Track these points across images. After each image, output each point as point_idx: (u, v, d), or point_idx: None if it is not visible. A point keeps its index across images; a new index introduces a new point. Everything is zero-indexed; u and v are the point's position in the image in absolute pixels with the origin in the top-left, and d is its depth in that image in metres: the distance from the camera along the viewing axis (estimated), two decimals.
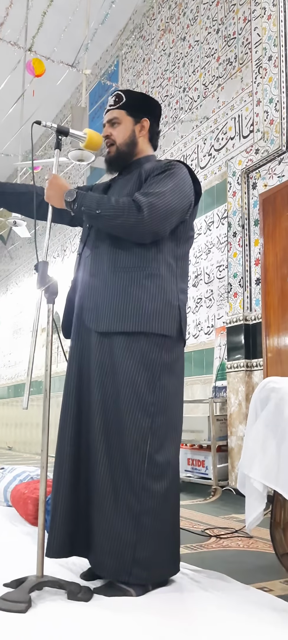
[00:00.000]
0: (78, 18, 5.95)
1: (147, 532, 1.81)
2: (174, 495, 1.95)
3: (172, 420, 1.95)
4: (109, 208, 1.90)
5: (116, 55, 7.87)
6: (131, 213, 1.86)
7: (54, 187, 2.00)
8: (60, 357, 8.40)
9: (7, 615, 1.54)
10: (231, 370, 4.67)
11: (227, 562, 2.32)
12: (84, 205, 1.93)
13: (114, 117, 2.10)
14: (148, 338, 1.89)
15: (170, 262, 1.98)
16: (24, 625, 1.49)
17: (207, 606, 1.71)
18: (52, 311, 1.92)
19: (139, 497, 1.81)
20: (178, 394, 2.02)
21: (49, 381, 1.87)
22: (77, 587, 1.75)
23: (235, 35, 5.35)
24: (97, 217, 1.92)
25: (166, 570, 1.91)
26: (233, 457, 4.44)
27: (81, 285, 2.05)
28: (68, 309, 2.11)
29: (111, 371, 1.89)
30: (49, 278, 1.88)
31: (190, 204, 2.02)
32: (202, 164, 5.67)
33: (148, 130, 2.14)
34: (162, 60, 6.69)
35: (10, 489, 3.33)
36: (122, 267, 1.94)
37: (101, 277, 1.97)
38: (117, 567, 1.78)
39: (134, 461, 1.82)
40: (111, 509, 1.81)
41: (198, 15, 6.03)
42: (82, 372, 1.98)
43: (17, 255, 12.22)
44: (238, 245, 4.76)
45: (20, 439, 10.55)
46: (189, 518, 3.34)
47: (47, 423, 1.83)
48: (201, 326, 5.45)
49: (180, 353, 2.02)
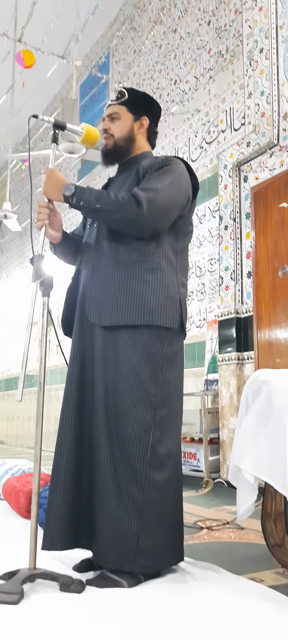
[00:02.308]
0: (68, 9, 5.92)
1: (151, 522, 1.84)
2: (177, 484, 1.99)
3: (173, 411, 1.98)
4: (109, 202, 1.91)
5: (107, 46, 7.83)
6: (130, 208, 1.88)
7: (51, 181, 1.99)
8: (52, 350, 8.39)
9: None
10: (223, 363, 4.68)
11: (219, 553, 2.34)
12: (83, 200, 1.93)
13: (114, 111, 2.13)
14: (151, 331, 1.92)
15: (170, 256, 2.01)
16: (16, 616, 1.49)
17: (199, 597, 1.72)
18: (48, 305, 1.92)
19: (142, 487, 1.84)
20: (179, 386, 2.06)
21: (43, 374, 1.88)
22: (70, 579, 1.75)
23: (226, 27, 5.34)
24: (96, 211, 1.93)
25: (170, 559, 1.95)
26: (225, 450, 4.47)
27: (83, 281, 2.06)
28: (68, 305, 2.11)
29: (114, 364, 1.92)
30: (44, 272, 1.88)
31: (188, 199, 2.05)
32: (193, 157, 5.66)
33: (147, 129, 2.18)
34: (153, 52, 6.67)
35: (2, 482, 3.33)
36: (124, 261, 1.96)
37: (103, 272, 1.99)
38: (121, 557, 1.80)
39: (137, 452, 1.85)
40: (114, 500, 1.83)
41: (189, 7, 6.02)
42: (84, 365, 2.00)
43: (7, 249, 12.16)
44: (230, 238, 4.77)
45: (12, 433, 10.53)
46: None
47: (40, 416, 1.83)
48: (193, 319, 5.46)
49: (181, 346, 2.06)
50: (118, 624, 1.48)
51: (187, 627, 1.48)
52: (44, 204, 2.02)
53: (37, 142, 9.67)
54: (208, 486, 4.31)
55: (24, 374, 1.81)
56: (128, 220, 1.91)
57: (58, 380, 8.33)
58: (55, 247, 2.16)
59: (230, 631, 1.46)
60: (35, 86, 7.23)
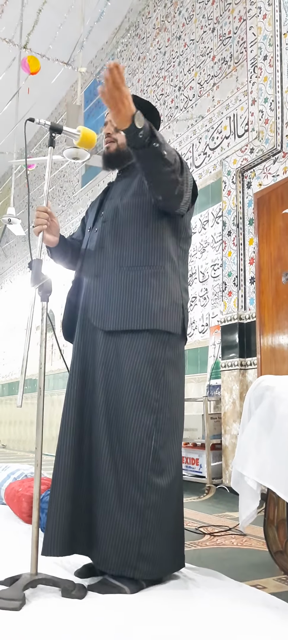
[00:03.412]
0: (73, 16, 5.94)
1: (152, 527, 1.83)
2: (178, 490, 1.99)
3: (175, 416, 1.97)
4: (171, 154, 1.83)
5: (111, 53, 7.86)
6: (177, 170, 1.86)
7: (128, 102, 1.70)
8: (54, 355, 8.40)
9: (1, 613, 1.54)
10: (225, 368, 4.68)
11: (221, 559, 2.33)
12: (156, 141, 1.75)
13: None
14: (154, 335, 1.92)
15: (174, 260, 2.02)
16: (18, 622, 1.49)
17: (201, 603, 1.71)
18: (46, 309, 1.92)
19: (143, 492, 1.83)
20: (181, 391, 2.05)
21: (43, 379, 1.86)
22: (71, 584, 1.75)
23: (230, 35, 5.36)
24: (159, 158, 1.79)
25: (171, 565, 1.94)
26: (227, 455, 4.46)
27: (86, 285, 2.06)
28: (69, 310, 2.11)
29: (116, 368, 1.91)
30: (43, 276, 1.87)
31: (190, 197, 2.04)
32: (197, 163, 5.67)
33: None
34: (158, 59, 6.69)
35: (4, 487, 3.33)
36: (127, 265, 1.96)
37: (107, 276, 1.98)
38: (122, 562, 1.79)
39: (139, 457, 1.84)
40: (115, 505, 1.82)
41: (193, 14, 6.04)
42: (86, 369, 1.99)
43: (11, 253, 12.19)
44: (233, 244, 4.77)
45: (14, 437, 10.53)
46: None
47: (41, 421, 1.83)
48: (195, 325, 5.46)
49: (182, 351, 2.06)
50: (120, 630, 1.48)
51: (188, 633, 1.47)
52: (42, 209, 2.01)
53: (41, 148, 9.72)
54: (210, 492, 4.30)
55: (23, 379, 1.80)
56: (171, 178, 1.86)
57: (60, 385, 8.33)
58: (51, 251, 2.17)
59: (232, 638, 1.46)
60: (40, 92, 7.26)
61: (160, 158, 1.78)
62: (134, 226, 2.00)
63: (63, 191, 9.39)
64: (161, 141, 1.77)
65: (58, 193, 9.52)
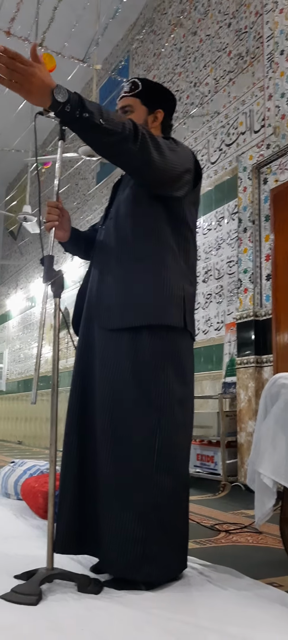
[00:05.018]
0: (89, 13, 5.95)
1: (156, 528, 1.78)
2: (183, 490, 1.92)
3: (180, 413, 1.89)
4: (111, 120, 1.70)
5: (127, 50, 7.86)
6: (127, 135, 1.71)
7: (37, 79, 1.64)
8: (69, 352, 8.44)
9: (18, 608, 1.55)
10: (241, 366, 4.66)
11: (236, 557, 2.32)
12: (85, 110, 1.64)
13: (127, 104, 2.06)
14: (152, 331, 1.85)
15: (174, 250, 1.93)
16: (35, 617, 1.50)
17: (217, 601, 1.71)
18: (59, 305, 1.91)
19: (146, 492, 1.78)
20: (187, 387, 1.96)
21: (56, 376, 1.85)
22: (87, 579, 1.75)
23: (246, 29, 5.32)
24: (96, 128, 1.68)
25: (175, 566, 1.89)
26: (243, 453, 4.44)
27: (90, 282, 2.05)
28: (78, 305, 2.11)
29: (115, 367, 1.87)
30: (55, 272, 1.85)
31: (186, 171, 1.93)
32: (212, 159, 5.65)
33: (162, 122, 2.09)
34: (173, 55, 6.67)
35: (21, 482, 3.36)
36: (127, 260, 1.91)
37: (106, 272, 1.96)
38: (126, 564, 1.76)
39: (142, 456, 1.80)
40: (118, 505, 1.79)
41: (209, 9, 6.01)
42: (88, 368, 1.97)
43: (27, 251, 12.27)
44: (249, 240, 4.74)
45: (30, 433, 10.60)
46: (198, 513, 3.34)
47: (55, 418, 1.82)
48: (211, 322, 5.44)
49: (186, 345, 1.96)
50: (135, 626, 1.48)
51: (206, 630, 1.47)
52: (53, 204, 1.96)
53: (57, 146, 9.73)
54: (225, 489, 4.29)
55: (37, 376, 1.80)
56: (120, 148, 1.74)
57: None
58: (64, 245, 2.16)
59: (248, 636, 1.45)
60: None
61: (96, 128, 1.67)
62: (132, 219, 1.95)
63: (78, 188, 9.42)
64: (92, 110, 1.66)
65: (73, 190, 9.55)
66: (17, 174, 12.73)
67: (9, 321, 13.16)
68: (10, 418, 12.13)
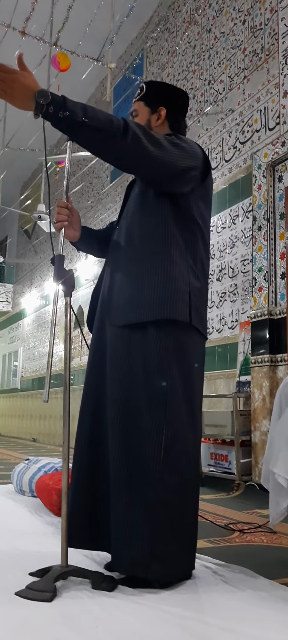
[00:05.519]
0: (103, 12, 5.96)
1: (163, 525, 1.77)
2: (192, 487, 1.91)
3: (187, 409, 1.88)
4: (96, 118, 1.70)
5: (141, 48, 7.85)
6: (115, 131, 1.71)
7: (18, 85, 1.67)
8: (83, 350, 8.47)
9: (32, 604, 1.56)
10: (255, 365, 4.63)
11: (251, 556, 2.31)
12: (67, 110, 1.66)
13: (133, 109, 2.12)
14: (157, 326, 1.85)
15: (180, 245, 1.92)
16: (50, 613, 1.51)
17: (232, 601, 1.70)
18: (70, 304, 1.91)
19: (155, 488, 1.77)
20: (195, 383, 1.94)
21: (68, 374, 1.86)
22: (101, 576, 1.76)
23: (261, 26, 5.29)
24: (81, 126, 1.69)
25: (184, 566, 1.88)
26: (257, 452, 4.42)
27: (103, 281, 2.07)
28: (92, 303, 2.12)
29: (124, 363, 1.87)
30: (65, 271, 1.86)
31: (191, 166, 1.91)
32: (227, 157, 5.62)
33: (167, 119, 2.09)
34: (187, 53, 6.65)
35: (35, 479, 3.38)
36: (134, 258, 1.92)
37: (117, 270, 1.98)
38: (133, 561, 1.75)
39: (150, 452, 1.79)
40: (126, 501, 1.79)
41: (224, 7, 5.98)
42: (100, 365, 1.98)
43: (41, 250, 12.34)
44: (263, 239, 4.72)
45: (44, 431, 10.67)
46: (212, 512, 3.34)
47: (67, 416, 1.83)
48: (225, 320, 5.42)
49: (192, 340, 1.93)
50: (149, 624, 1.48)
51: (221, 629, 1.47)
52: (63, 204, 1.97)
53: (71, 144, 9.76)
54: (239, 489, 4.27)
55: (49, 374, 1.81)
56: (109, 145, 1.74)
57: None
58: (75, 244, 2.18)
59: (265, 637, 1.44)
60: (70, 89, 7.29)
61: (81, 126, 1.69)
62: (139, 216, 1.96)
63: (92, 187, 9.44)
64: (75, 109, 1.67)
65: (87, 189, 9.58)
66: (32, 173, 12.80)
67: (23, 319, 13.25)
68: (24, 416, 12.22)
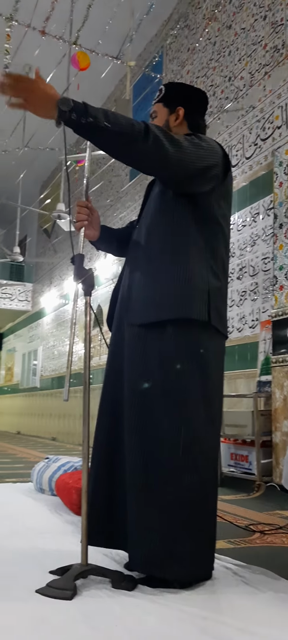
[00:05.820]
0: (122, 10, 5.96)
1: (181, 526, 1.76)
2: (210, 487, 1.88)
3: (205, 409, 1.86)
4: (118, 123, 1.71)
5: (161, 45, 7.83)
6: (137, 133, 1.72)
7: (40, 93, 1.70)
8: (102, 349, 8.48)
9: (53, 602, 1.56)
10: (276, 364, 4.58)
11: (271, 558, 2.28)
12: (90, 115, 1.68)
13: (153, 110, 2.13)
14: (175, 325, 1.83)
15: (199, 244, 1.90)
16: (70, 611, 1.51)
17: (253, 602, 1.68)
18: (89, 303, 1.91)
19: (171, 488, 1.76)
20: (214, 382, 1.92)
21: (88, 374, 1.86)
22: (121, 575, 1.75)
23: (282, 22, 5.22)
24: (103, 131, 1.70)
25: (203, 566, 1.85)
26: (278, 453, 4.37)
27: (123, 279, 2.06)
28: (112, 302, 2.12)
29: (142, 363, 1.86)
30: (85, 270, 1.86)
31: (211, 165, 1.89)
32: (247, 154, 5.57)
33: (185, 118, 2.07)
34: (207, 50, 6.61)
35: (55, 478, 3.39)
36: (153, 257, 1.91)
37: (136, 269, 1.96)
38: (151, 562, 1.74)
39: (168, 452, 1.78)
40: (143, 501, 1.78)
41: (244, 2, 5.92)
42: (118, 365, 1.97)
43: (60, 249, 12.40)
44: (285, 237, 4.66)
45: (63, 430, 10.73)
46: (232, 513, 3.30)
47: (87, 415, 1.83)
48: (245, 320, 5.37)
49: (211, 340, 1.91)
50: (169, 624, 1.47)
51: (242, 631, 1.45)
52: (83, 204, 1.98)
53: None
54: (260, 490, 4.23)
55: (69, 373, 1.81)
56: (131, 148, 1.74)
57: None
58: (95, 243, 2.17)
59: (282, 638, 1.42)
60: (90, 88, 7.33)
61: (103, 131, 1.70)
62: (159, 215, 1.95)
63: (111, 186, 9.45)
64: (97, 114, 1.68)
65: (106, 188, 9.59)
66: (51, 172, 12.88)
67: (43, 318, 13.34)
68: (44, 414, 12.30)
